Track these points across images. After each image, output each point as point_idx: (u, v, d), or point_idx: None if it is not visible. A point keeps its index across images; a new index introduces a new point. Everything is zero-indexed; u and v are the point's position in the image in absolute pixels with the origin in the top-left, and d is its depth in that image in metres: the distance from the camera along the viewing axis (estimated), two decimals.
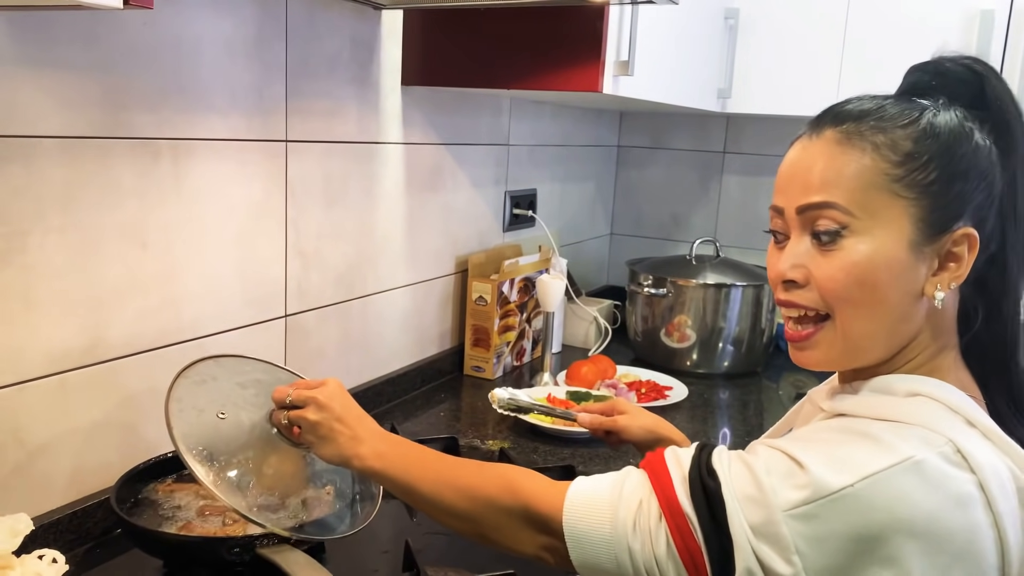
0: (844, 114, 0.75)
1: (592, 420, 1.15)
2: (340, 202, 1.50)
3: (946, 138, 0.73)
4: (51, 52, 0.99)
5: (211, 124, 1.21)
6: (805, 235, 0.75)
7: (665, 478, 0.74)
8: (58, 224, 1.02)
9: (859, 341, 0.75)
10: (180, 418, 0.97)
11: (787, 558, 0.65)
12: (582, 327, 2.22)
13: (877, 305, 0.73)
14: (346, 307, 1.55)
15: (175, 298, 1.20)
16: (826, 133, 0.75)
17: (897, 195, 0.72)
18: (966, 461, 0.66)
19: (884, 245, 0.72)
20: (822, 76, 2.03)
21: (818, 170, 0.74)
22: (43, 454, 1.05)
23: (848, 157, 0.73)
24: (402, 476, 0.86)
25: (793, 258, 0.75)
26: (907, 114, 0.74)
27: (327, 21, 1.40)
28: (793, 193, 0.75)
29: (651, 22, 1.57)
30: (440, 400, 1.75)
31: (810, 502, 0.65)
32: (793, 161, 0.77)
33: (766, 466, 0.69)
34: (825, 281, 0.74)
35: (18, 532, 0.83)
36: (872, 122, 0.73)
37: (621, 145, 2.72)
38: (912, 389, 0.73)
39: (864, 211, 0.72)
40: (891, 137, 0.72)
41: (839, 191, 0.72)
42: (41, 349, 1.03)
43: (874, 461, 0.65)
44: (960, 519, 0.64)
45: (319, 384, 0.94)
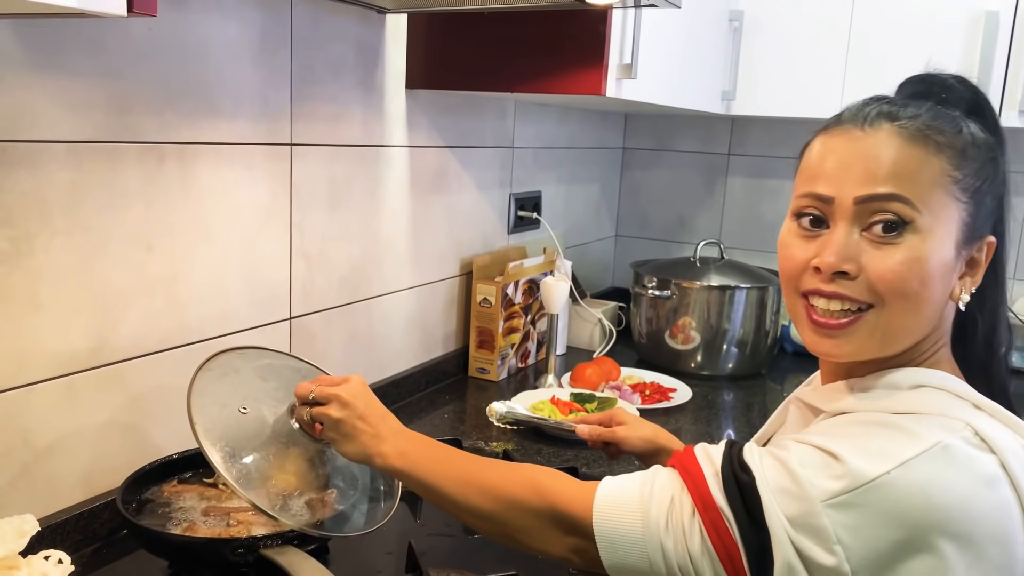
0: (896, 113, 0.75)
1: (591, 431, 1.14)
2: (345, 205, 1.51)
3: (985, 148, 0.75)
4: (58, 58, 1.00)
5: (216, 128, 1.22)
6: (856, 226, 0.73)
7: (697, 474, 0.74)
8: (64, 227, 1.03)
9: (897, 334, 0.75)
10: (202, 413, 0.96)
11: (829, 548, 0.66)
12: (586, 329, 2.23)
13: (924, 302, 0.73)
14: (351, 309, 1.56)
15: (181, 300, 1.21)
16: (884, 127, 0.74)
17: (954, 197, 0.73)
18: (986, 443, 0.68)
19: (941, 244, 0.72)
20: (826, 78, 2.03)
21: (885, 162, 0.72)
22: (50, 455, 1.06)
23: (915, 153, 0.72)
24: (425, 476, 0.86)
25: (844, 249, 0.73)
26: (953, 122, 0.75)
27: (332, 26, 1.41)
28: (850, 182, 0.73)
29: (654, 25, 1.57)
30: (445, 402, 1.76)
31: (848, 491, 0.66)
32: (847, 150, 0.74)
33: (799, 459, 0.69)
34: (885, 273, 0.72)
35: (24, 533, 0.83)
36: (927, 123, 0.74)
37: (626, 147, 2.72)
38: (915, 381, 0.74)
39: (928, 208, 0.72)
40: (951, 140, 0.73)
41: (908, 185, 0.72)
42: (48, 351, 1.04)
43: (906, 449, 0.66)
44: (991, 499, 0.66)
45: (342, 381, 0.94)
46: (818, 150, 0.77)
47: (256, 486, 0.96)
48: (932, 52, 1.91)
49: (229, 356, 1.05)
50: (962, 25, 1.89)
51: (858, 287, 0.73)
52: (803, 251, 0.77)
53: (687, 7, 1.60)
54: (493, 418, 1.47)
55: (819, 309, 0.76)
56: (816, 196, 0.76)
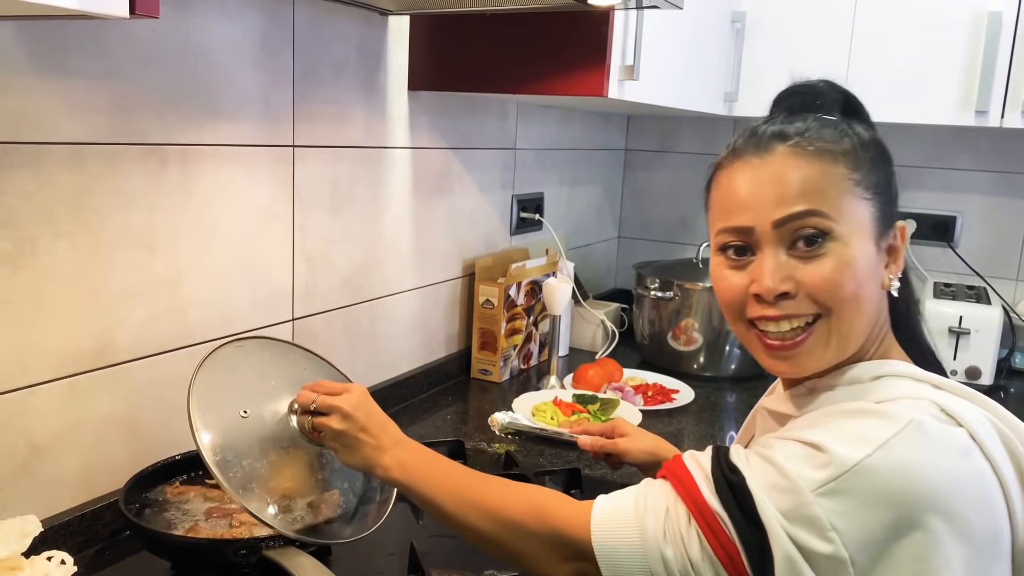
0: (784, 133, 0.78)
1: (593, 443, 1.15)
2: (347, 206, 1.51)
3: (873, 145, 0.80)
4: (61, 60, 1.00)
5: (219, 130, 1.22)
6: (780, 248, 0.77)
7: (688, 481, 0.75)
8: (68, 229, 1.04)
9: (849, 335, 0.78)
10: (203, 419, 0.96)
11: (824, 536, 0.67)
12: (589, 330, 2.23)
13: (864, 300, 0.77)
14: (353, 311, 1.56)
15: (183, 302, 1.21)
16: (778, 150, 0.77)
17: (861, 198, 0.77)
18: (952, 417, 0.71)
19: (861, 243, 0.77)
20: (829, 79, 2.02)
21: (792, 182, 0.76)
22: (52, 456, 1.06)
23: (814, 167, 0.76)
24: (425, 490, 0.87)
25: (778, 271, 0.76)
26: (836, 127, 0.80)
27: (334, 27, 1.41)
28: (763, 209, 0.76)
29: (657, 26, 1.58)
30: (447, 403, 1.76)
31: (835, 478, 0.67)
32: (752, 180, 0.78)
33: (785, 455, 0.71)
34: (821, 283, 0.75)
35: (27, 533, 0.84)
36: (816, 135, 0.78)
37: (628, 148, 2.72)
38: (874, 373, 0.78)
39: (841, 215, 0.76)
40: (840, 146, 0.78)
41: (819, 199, 0.75)
42: (51, 352, 1.04)
43: (883, 431, 0.69)
44: (968, 468, 0.69)
45: (344, 390, 0.94)
46: (725, 185, 0.81)
47: (257, 490, 0.96)
48: (934, 53, 1.92)
49: (228, 351, 1.04)
50: (965, 25, 1.89)
51: (800, 303, 0.76)
52: (738, 280, 0.79)
53: (689, 8, 1.60)
54: (495, 428, 1.47)
55: (771, 333, 0.79)
56: (735, 228, 0.79)
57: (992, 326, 1.93)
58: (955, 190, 2.30)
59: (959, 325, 1.94)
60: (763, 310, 0.78)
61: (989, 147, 2.26)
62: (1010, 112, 1.87)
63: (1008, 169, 2.25)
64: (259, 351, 1.08)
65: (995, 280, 2.26)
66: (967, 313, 1.94)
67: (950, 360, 1.96)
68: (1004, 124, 1.88)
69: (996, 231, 2.28)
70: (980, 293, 2.09)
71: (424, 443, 1.44)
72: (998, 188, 2.27)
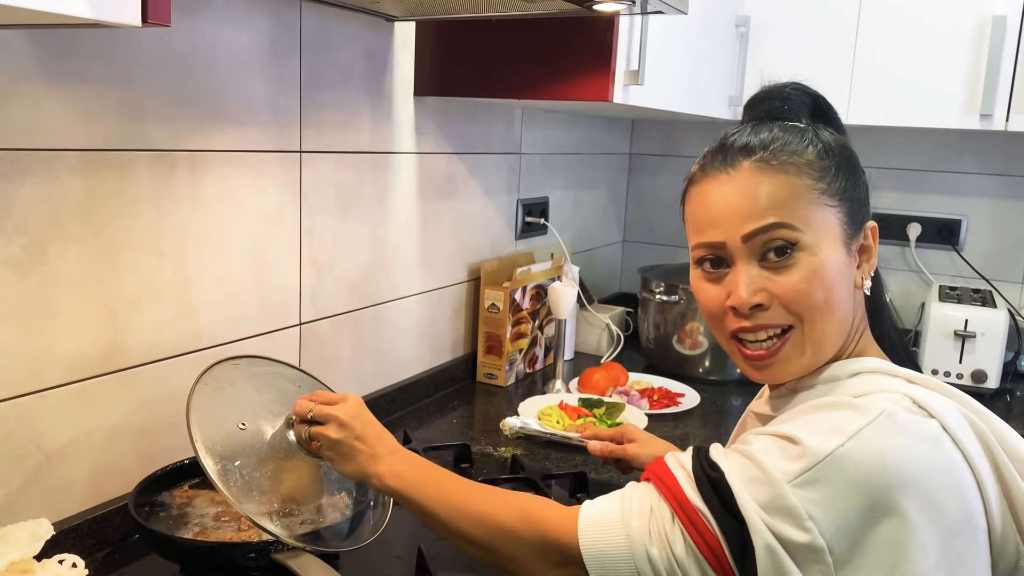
0: (749, 146, 0.81)
1: (603, 448, 1.16)
2: (353, 211, 1.52)
3: (839, 149, 0.83)
4: (71, 67, 1.01)
5: (227, 135, 1.23)
6: (752, 260, 0.80)
7: (670, 480, 0.77)
8: (77, 234, 1.05)
9: (824, 341, 0.81)
10: (201, 429, 0.98)
11: (801, 526, 0.69)
12: (594, 334, 2.23)
13: (836, 304, 0.80)
14: (359, 315, 1.57)
15: (192, 306, 1.22)
16: (743, 165, 0.80)
17: (826, 205, 0.80)
18: (924, 409, 0.73)
19: (829, 251, 0.79)
20: (834, 83, 2.03)
21: (758, 196, 0.79)
22: (63, 460, 1.07)
23: (779, 180, 0.79)
24: (419, 498, 0.88)
25: (751, 284, 0.79)
26: (801, 136, 0.82)
27: (340, 33, 1.42)
28: (732, 224, 0.79)
29: (661, 31, 1.58)
30: (453, 407, 1.76)
31: (809, 468, 0.70)
32: (719, 196, 0.81)
33: (761, 448, 0.74)
34: (791, 294, 0.79)
35: (39, 537, 0.84)
36: (781, 147, 0.81)
37: (633, 153, 2.73)
38: (851, 370, 0.81)
39: (807, 225, 0.78)
40: (804, 157, 0.80)
41: (784, 210, 0.78)
42: (61, 357, 1.05)
43: (854, 422, 0.71)
44: (940, 456, 0.71)
45: (340, 399, 0.96)
46: (696, 202, 0.84)
47: (257, 498, 0.97)
48: (939, 56, 1.92)
49: (224, 367, 1.06)
50: (969, 29, 1.89)
51: (774, 313, 0.80)
52: (716, 293, 0.83)
53: (694, 13, 1.61)
54: (507, 431, 1.48)
55: (749, 344, 0.82)
56: (707, 244, 0.82)
57: (998, 329, 1.93)
58: (960, 193, 2.30)
59: (964, 328, 1.94)
60: (740, 323, 0.81)
61: (994, 150, 2.26)
62: (1015, 115, 1.87)
63: (1013, 172, 2.25)
64: (254, 368, 1.10)
65: (1000, 283, 2.26)
66: (972, 316, 1.94)
67: (956, 364, 1.96)
68: (1009, 127, 1.88)
69: (1001, 234, 2.28)
70: (985, 296, 2.09)
71: (430, 447, 1.46)
72: (1003, 191, 2.27)
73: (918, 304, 2.26)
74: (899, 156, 2.32)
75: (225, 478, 0.96)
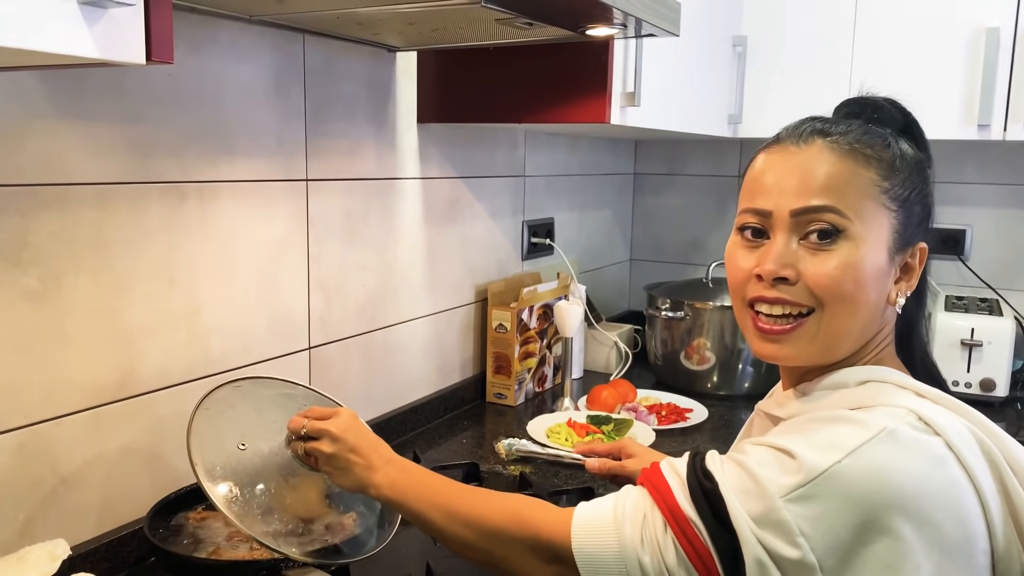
0: (828, 129, 0.81)
1: (600, 465, 1.17)
2: (360, 237, 1.55)
3: (913, 162, 0.82)
4: (82, 105, 1.06)
5: (235, 166, 1.27)
6: (794, 236, 0.79)
7: (664, 488, 0.77)
8: (91, 265, 1.08)
9: (837, 336, 0.79)
10: (201, 452, 1.01)
11: (792, 541, 0.68)
12: (603, 352, 2.25)
13: (860, 304, 0.78)
14: (368, 338, 1.60)
15: (203, 333, 1.25)
16: (815, 142, 0.79)
17: (884, 206, 0.78)
18: (929, 426, 0.72)
19: (873, 249, 0.78)
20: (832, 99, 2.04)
21: (818, 175, 0.77)
22: (79, 485, 1.10)
23: (845, 166, 0.78)
24: (415, 505, 0.89)
25: (783, 257, 0.78)
26: (882, 137, 0.81)
27: (344, 65, 1.46)
28: (786, 196, 0.78)
29: (656, 53, 1.61)
30: (463, 428, 1.78)
31: (804, 484, 0.69)
32: (783, 165, 0.80)
33: (757, 460, 0.73)
34: (820, 278, 0.77)
35: (56, 557, 0.87)
36: (859, 138, 0.80)
37: (637, 173, 2.76)
38: (860, 378, 0.80)
39: (859, 217, 0.77)
40: (879, 154, 0.79)
41: (839, 196, 0.77)
42: (76, 384, 1.08)
43: (854, 438, 0.70)
44: (941, 476, 0.70)
45: (332, 414, 0.97)
46: (759, 167, 0.83)
47: (259, 519, 0.99)
48: (935, 69, 1.94)
49: (224, 391, 1.09)
50: (963, 43, 1.92)
51: (798, 292, 0.78)
52: (746, 261, 0.82)
53: (689, 35, 1.64)
54: (502, 454, 1.47)
55: (763, 316, 0.81)
56: (756, 211, 0.81)
57: (1005, 338, 1.94)
58: (963, 203, 2.31)
59: (971, 337, 1.94)
60: (761, 291, 0.80)
61: (996, 160, 2.27)
62: (1012, 125, 1.89)
63: (1016, 181, 2.27)
64: (256, 389, 1.12)
65: (1007, 292, 2.26)
66: (979, 325, 1.95)
67: (963, 373, 1.96)
68: (1007, 137, 1.90)
69: (1006, 243, 2.29)
70: (992, 305, 2.09)
71: (440, 467, 1.47)
72: (1007, 200, 2.28)
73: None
74: None
75: (227, 499, 0.98)
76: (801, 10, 2.09)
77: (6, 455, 1.01)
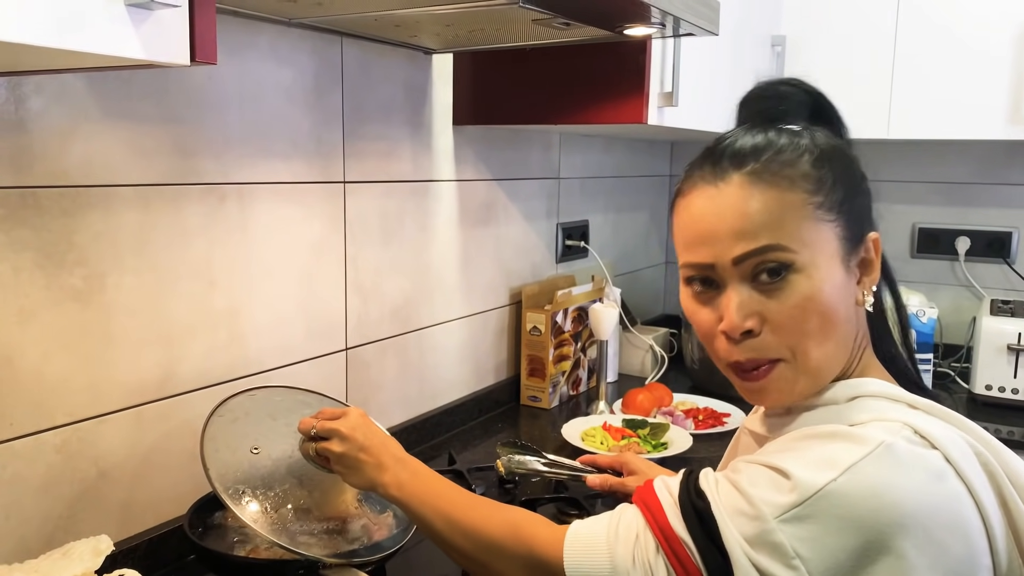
0: (740, 154, 0.76)
1: (602, 481, 1.16)
2: (396, 239, 1.56)
3: (837, 157, 0.77)
4: (126, 107, 1.07)
5: (273, 168, 1.28)
6: (744, 283, 0.74)
7: (656, 507, 0.75)
8: (134, 265, 1.10)
9: (820, 367, 0.76)
10: (215, 458, 1.02)
11: (788, 564, 0.66)
12: (638, 356, 2.23)
13: (832, 328, 0.74)
14: (403, 340, 1.60)
15: (242, 333, 1.26)
16: (733, 178, 0.75)
17: (822, 220, 0.74)
18: (926, 439, 0.69)
19: (828, 270, 0.74)
20: (873, 99, 2.02)
21: (748, 214, 0.73)
22: (120, 482, 1.11)
23: (771, 196, 0.73)
24: (418, 508, 0.89)
25: (743, 308, 0.74)
26: (795, 143, 0.76)
27: (381, 68, 1.47)
28: (722, 245, 0.74)
29: (695, 52, 1.60)
30: (498, 430, 1.78)
31: (799, 504, 0.66)
32: (708, 212, 0.75)
33: (750, 479, 0.71)
34: (784, 320, 0.73)
35: (100, 552, 0.88)
36: (772, 156, 0.75)
37: (673, 175, 2.74)
38: (850, 394, 0.76)
39: (801, 244, 0.73)
40: (799, 168, 0.74)
41: (776, 230, 0.72)
42: (119, 383, 1.10)
43: (850, 454, 0.67)
44: (942, 491, 0.67)
45: (341, 414, 0.98)
46: (684, 216, 0.78)
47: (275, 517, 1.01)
48: (980, 69, 1.90)
49: (239, 399, 1.10)
50: (1009, 40, 1.88)
51: (765, 341, 0.74)
52: (708, 316, 0.77)
53: (728, 34, 1.62)
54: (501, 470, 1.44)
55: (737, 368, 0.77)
56: (697, 265, 0.77)
57: None
58: (1010, 205, 2.26)
59: (1018, 342, 1.90)
60: (733, 356, 0.76)
61: None
62: None
63: None
64: (271, 397, 1.14)
65: None
66: None
67: (1010, 378, 1.91)
68: None
69: None
70: None
71: (475, 468, 1.47)
72: None
73: (969, 319, 2.22)
74: (945, 169, 2.30)
75: (238, 500, 0.99)
76: (841, 9, 2.06)
77: (51, 452, 1.03)
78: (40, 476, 1.02)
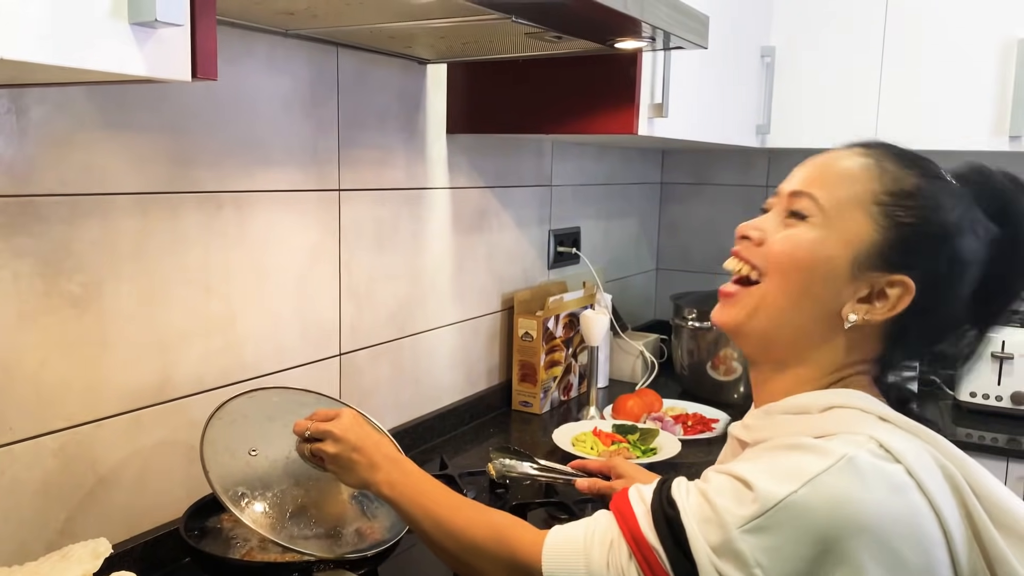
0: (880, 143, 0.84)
1: (591, 486, 1.18)
2: (390, 245, 1.57)
3: (941, 203, 0.78)
4: (124, 117, 1.09)
5: (269, 176, 1.30)
6: (780, 215, 0.84)
7: (630, 515, 0.78)
8: (131, 272, 1.11)
9: (770, 314, 0.82)
10: (215, 461, 1.04)
11: (749, 572, 0.69)
12: (628, 361, 2.26)
13: (800, 290, 0.80)
14: (397, 345, 1.62)
15: (237, 339, 1.28)
16: (855, 149, 0.83)
17: (871, 216, 0.78)
18: (890, 453, 0.71)
19: (828, 244, 0.79)
20: (861, 108, 2.05)
21: (822, 169, 0.82)
22: (117, 486, 1.13)
23: (852, 166, 0.81)
24: (408, 508, 0.91)
25: (759, 222, 0.85)
26: (930, 169, 0.80)
27: (376, 77, 1.49)
28: (793, 181, 0.85)
29: (685, 64, 1.63)
30: (489, 435, 1.80)
31: (760, 515, 0.69)
32: (812, 160, 0.85)
33: (716, 488, 0.73)
34: (772, 243, 0.82)
35: (99, 555, 0.90)
36: (896, 155, 0.81)
37: (664, 182, 2.77)
38: (824, 404, 0.79)
39: (832, 209, 0.79)
40: (901, 172, 0.79)
41: (825, 188, 0.80)
42: (116, 388, 1.11)
43: (812, 466, 0.70)
44: (901, 504, 0.69)
45: (335, 415, 1.00)
46: None
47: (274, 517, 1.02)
48: (966, 80, 1.93)
49: (239, 401, 1.12)
50: (995, 53, 1.91)
51: (752, 252, 0.84)
52: None
53: (718, 46, 1.65)
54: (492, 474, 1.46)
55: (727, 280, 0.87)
56: (777, 190, 0.88)
57: None
58: None
59: (1002, 350, 1.93)
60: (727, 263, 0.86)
61: None
62: None
63: None
64: (269, 398, 1.15)
65: None
66: (1011, 338, 1.93)
67: (994, 386, 1.94)
68: None
69: None
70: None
71: (466, 473, 1.49)
72: None
73: None
74: None
75: (237, 501, 1.01)
76: (830, 20, 2.09)
77: (49, 457, 1.04)
78: (39, 480, 1.04)
